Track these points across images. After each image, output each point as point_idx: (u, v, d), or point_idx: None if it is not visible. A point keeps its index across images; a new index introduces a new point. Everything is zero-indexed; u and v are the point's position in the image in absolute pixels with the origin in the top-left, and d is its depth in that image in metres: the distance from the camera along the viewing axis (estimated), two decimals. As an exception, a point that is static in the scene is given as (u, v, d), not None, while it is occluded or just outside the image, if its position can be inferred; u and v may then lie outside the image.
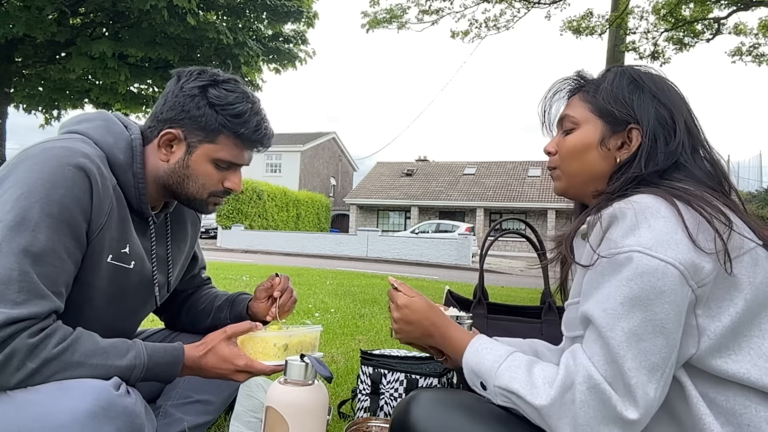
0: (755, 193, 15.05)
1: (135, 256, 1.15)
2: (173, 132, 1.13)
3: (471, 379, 0.93)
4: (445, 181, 30.03)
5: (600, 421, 0.74)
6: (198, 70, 1.16)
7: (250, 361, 1.10)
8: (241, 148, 1.17)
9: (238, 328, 1.13)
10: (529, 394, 0.80)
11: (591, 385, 0.74)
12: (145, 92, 12.25)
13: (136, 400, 0.97)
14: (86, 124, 1.14)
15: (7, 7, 8.59)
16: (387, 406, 1.68)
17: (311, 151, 33.43)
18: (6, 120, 10.68)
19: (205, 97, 1.13)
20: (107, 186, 1.05)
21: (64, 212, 0.96)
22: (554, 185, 1.03)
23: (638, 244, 0.75)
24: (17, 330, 0.89)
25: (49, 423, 0.87)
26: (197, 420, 1.35)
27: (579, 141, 0.96)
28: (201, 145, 1.14)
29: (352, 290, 6.06)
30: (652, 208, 0.78)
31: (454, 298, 1.95)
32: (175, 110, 1.13)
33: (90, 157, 1.02)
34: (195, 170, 1.15)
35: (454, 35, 10.29)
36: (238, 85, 1.17)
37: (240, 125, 1.14)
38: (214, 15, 10.56)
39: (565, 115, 0.99)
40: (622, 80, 0.94)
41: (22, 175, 0.97)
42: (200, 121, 1.13)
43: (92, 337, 1.00)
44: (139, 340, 1.06)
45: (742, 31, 9.31)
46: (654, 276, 0.73)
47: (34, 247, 0.93)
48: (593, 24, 9.73)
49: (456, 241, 17.14)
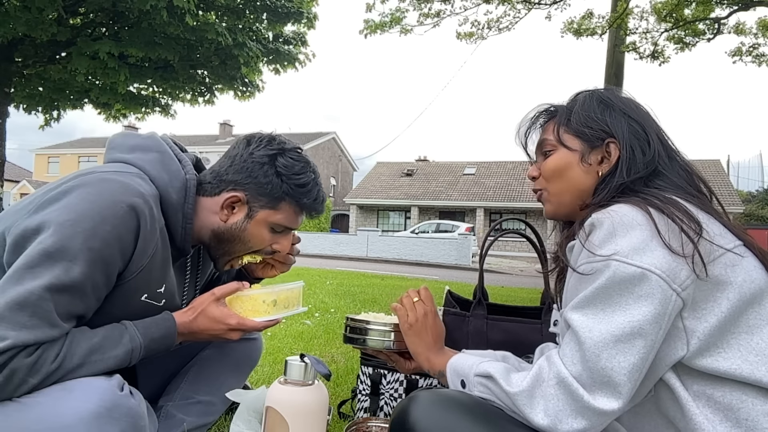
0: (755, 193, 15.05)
1: (167, 294, 1.16)
2: (239, 195, 1.16)
3: (453, 379, 0.99)
4: (445, 181, 30.03)
5: (569, 413, 0.78)
6: (268, 138, 1.20)
7: (241, 319, 1.12)
8: (299, 214, 1.23)
9: (226, 288, 1.14)
10: (504, 381, 0.86)
11: (559, 380, 0.79)
12: (144, 92, 12.25)
13: (139, 401, 0.98)
14: (141, 154, 1.14)
15: (7, 7, 8.59)
16: (387, 406, 1.68)
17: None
18: (6, 120, 10.68)
19: (273, 166, 1.17)
20: (155, 228, 1.06)
21: (104, 249, 0.96)
22: (544, 209, 1.06)
23: (615, 252, 0.79)
24: (16, 353, 0.88)
25: (54, 424, 0.87)
26: (198, 421, 1.36)
27: (560, 160, 1.00)
28: (262, 210, 1.18)
29: (352, 290, 6.06)
30: (627, 216, 0.81)
31: (453, 299, 1.95)
32: (242, 174, 1.17)
33: (145, 198, 1.03)
34: (251, 233, 1.19)
35: (460, 37, 10.29)
36: (302, 155, 1.22)
37: (303, 195, 1.19)
38: (213, 15, 10.56)
39: (543, 139, 1.04)
40: (591, 101, 1.00)
41: (74, 201, 0.96)
42: (266, 188, 1.17)
43: (85, 333, 0.99)
44: (129, 322, 1.05)
45: (742, 31, 9.31)
46: (631, 282, 0.77)
47: (66, 278, 0.92)
48: (593, 25, 9.72)
49: (456, 241, 17.14)
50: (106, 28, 10.57)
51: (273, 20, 10.87)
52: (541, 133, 1.06)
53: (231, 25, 10.49)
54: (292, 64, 11.63)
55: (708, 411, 0.79)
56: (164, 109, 12.35)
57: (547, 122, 1.06)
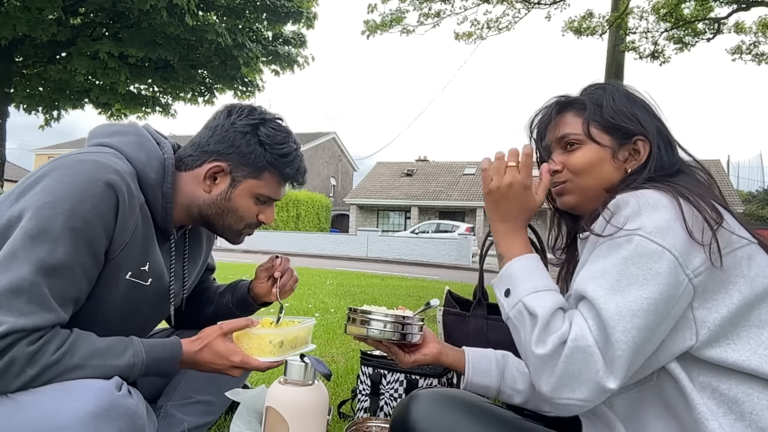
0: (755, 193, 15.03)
1: (153, 273, 1.16)
2: (221, 165, 1.16)
3: (502, 281, 0.92)
4: (445, 181, 30.03)
5: (576, 379, 0.76)
6: (249, 108, 1.20)
7: (245, 357, 1.10)
8: (281, 185, 1.23)
9: (234, 324, 1.13)
10: (535, 338, 0.80)
11: (581, 345, 0.76)
12: (145, 92, 12.25)
13: (138, 401, 0.97)
14: (119, 138, 1.14)
15: (7, 8, 8.59)
16: (387, 406, 1.68)
17: (311, 151, 33.43)
18: (6, 120, 10.67)
19: (255, 135, 1.16)
20: (134, 205, 1.06)
21: (86, 228, 0.96)
22: (561, 201, 1.03)
23: (639, 227, 0.79)
24: (17, 339, 0.89)
25: (52, 424, 0.87)
26: (198, 420, 1.35)
27: (591, 156, 0.97)
28: (245, 180, 1.18)
29: (352, 290, 6.06)
30: (653, 197, 0.82)
31: (453, 299, 1.95)
32: (223, 144, 1.16)
33: (121, 174, 1.03)
34: (236, 204, 1.19)
35: (458, 37, 10.30)
36: (283, 125, 1.22)
37: (286, 164, 1.19)
38: (213, 15, 10.55)
39: (567, 133, 1.00)
40: (621, 97, 0.98)
41: (51, 183, 0.97)
42: (249, 158, 1.16)
43: (90, 338, 0.99)
44: (136, 338, 1.06)
45: (742, 29, 9.31)
46: (651, 258, 0.77)
47: (52, 259, 0.92)
48: (593, 24, 9.73)
49: (456, 241, 17.14)
50: (106, 28, 10.57)
51: (273, 20, 10.87)
52: (559, 125, 1.02)
53: (231, 26, 10.49)
54: (291, 66, 11.63)
55: (712, 403, 0.79)
56: (164, 108, 12.35)
57: (563, 114, 1.03)
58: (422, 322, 1.14)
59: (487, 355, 1.16)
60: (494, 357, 1.16)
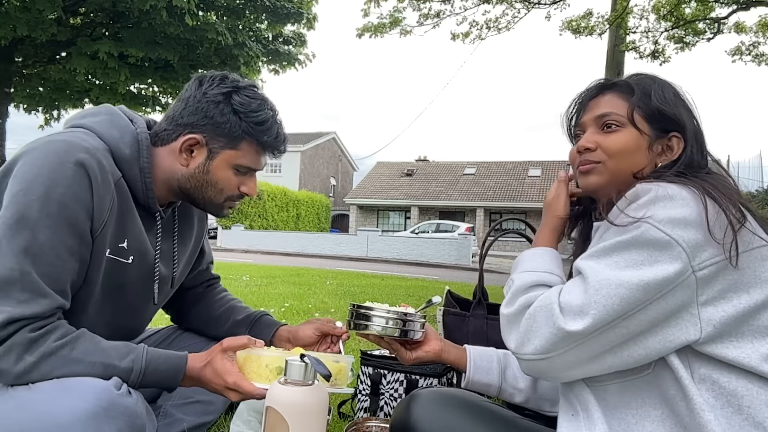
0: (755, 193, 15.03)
1: (134, 251, 1.14)
2: (196, 137, 1.13)
3: (516, 264, 1.00)
4: (445, 181, 30.02)
5: (537, 332, 0.82)
6: (220, 76, 1.16)
7: (240, 380, 1.02)
8: (261, 154, 1.18)
9: (234, 342, 1.07)
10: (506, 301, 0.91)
11: (545, 304, 0.83)
12: (145, 92, 12.26)
13: (137, 400, 0.97)
14: (91, 118, 1.13)
15: (7, 8, 8.59)
16: (387, 406, 1.68)
17: (311, 151, 33.43)
18: (6, 120, 10.68)
19: (229, 104, 1.12)
20: (108, 181, 1.04)
21: (63, 211, 0.96)
22: (586, 180, 0.99)
23: (650, 215, 0.79)
24: (19, 327, 0.90)
25: (51, 422, 0.87)
26: (197, 420, 1.35)
27: (630, 141, 0.95)
28: (223, 151, 1.14)
29: (352, 290, 6.06)
30: (673, 190, 0.81)
31: (453, 299, 1.95)
32: (197, 115, 1.13)
33: (91, 152, 1.01)
34: (215, 176, 1.15)
35: (455, 37, 10.30)
36: (258, 92, 1.18)
37: (263, 133, 1.15)
38: (213, 15, 10.56)
39: (608, 112, 0.97)
40: (668, 90, 0.97)
41: (22, 169, 0.97)
42: (224, 128, 1.13)
43: (94, 337, 1.00)
44: (143, 345, 1.05)
45: (742, 29, 9.32)
46: (654, 246, 0.77)
47: (34, 246, 0.93)
48: (593, 24, 9.73)
49: (456, 241, 17.13)
50: (106, 28, 10.58)
51: (273, 20, 10.88)
52: (601, 104, 1.00)
53: (231, 25, 10.50)
54: (291, 64, 11.64)
55: (710, 395, 0.78)
56: (164, 108, 12.36)
57: (606, 93, 1.00)
58: (424, 319, 1.14)
59: (488, 353, 1.16)
60: (495, 355, 1.16)
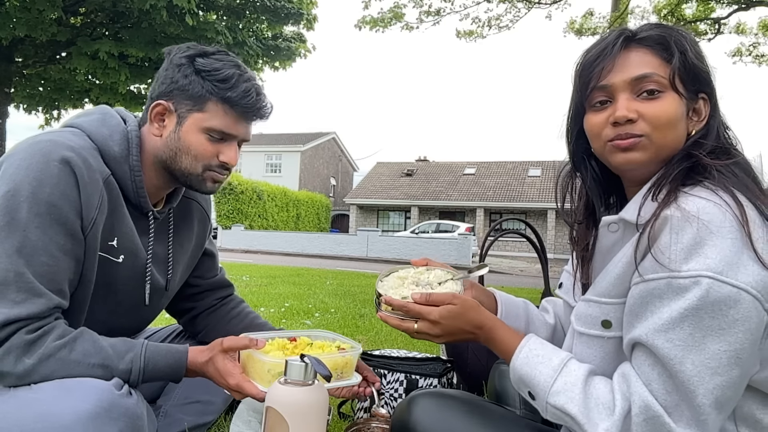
0: (755, 193, 15.03)
1: (124, 250, 1.13)
2: (163, 104, 1.12)
3: (518, 385, 0.88)
4: (445, 181, 30.03)
5: None
6: (188, 45, 1.15)
7: (242, 382, 1.03)
8: (232, 116, 1.13)
9: (235, 343, 1.07)
10: (587, 422, 0.75)
11: (649, 417, 0.71)
12: (145, 92, 12.25)
13: (138, 401, 0.97)
14: (83, 117, 1.14)
15: (7, 8, 8.59)
16: (387, 406, 1.68)
17: (311, 151, 33.42)
18: (6, 120, 10.68)
19: (191, 65, 1.11)
20: (95, 178, 1.04)
21: (52, 211, 0.96)
22: (626, 157, 0.83)
23: (706, 267, 0.68)
24: (16, 329, 0.90)
25: (52, 423, 0.87)
26: (197, 420, 1.35)
27: (677, 109, 0.82)
28: (190, 114, 1.11)
29: (352, 290, 6.05)
30: (715, 220, 0.70)
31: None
32: (165, 83, 1.12)
33: (75, 150, 1.01)
34: (187, 141, 1.12)
35: (460, 35, 10.30)
36: (227, 55, 1.15)
37: (227, 90, 1.10)
38: (213, 15, 10.57)
39: (647, 74, 0.82)
40: (698, 45, 0.85)
41: (9, 171, 0.97)
42: (188, 90, 1.10)
43: (93, 337, 1.00)
44: (143, 342, 1.05)
45: (742, 31, 9.33)
46: (726, 304, 0.67)
47: (26, 247, 0.93)
48: (594, 24, 9.74)
49: (456, 241, 17.13)
50: (106, 28, 10.58)
51: (273, 21, 10.89)
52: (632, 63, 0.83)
53: (231, 25, 10.51)
54: (291, 59, 11.65)
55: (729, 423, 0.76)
56: (165, 108, 12.37)
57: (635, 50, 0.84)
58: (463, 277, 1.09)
59: (515, 301, 1.16)
60: (522, 304, 1.16)
